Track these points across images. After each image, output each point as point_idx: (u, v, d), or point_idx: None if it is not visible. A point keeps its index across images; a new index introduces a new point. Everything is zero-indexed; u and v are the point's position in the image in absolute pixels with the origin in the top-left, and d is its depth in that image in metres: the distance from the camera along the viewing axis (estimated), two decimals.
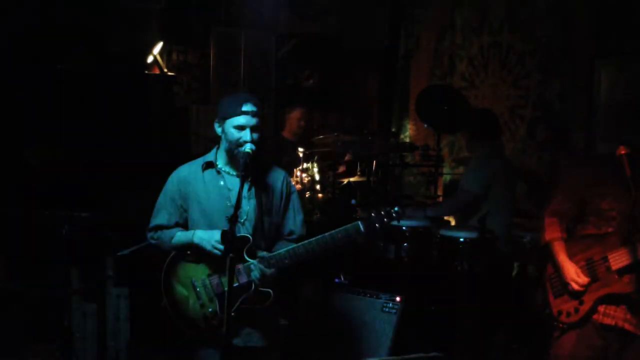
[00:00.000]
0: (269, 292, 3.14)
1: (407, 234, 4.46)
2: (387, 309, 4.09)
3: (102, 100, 5.94)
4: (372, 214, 3.15)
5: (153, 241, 3.34)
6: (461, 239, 4.34)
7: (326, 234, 3.13)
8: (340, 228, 3.13)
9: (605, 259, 3.21)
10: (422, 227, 4.56)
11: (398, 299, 4.09)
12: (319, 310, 4.35)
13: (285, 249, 3.14)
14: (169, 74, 6.76)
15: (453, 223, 5.16)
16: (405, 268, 4.49)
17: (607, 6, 5.16)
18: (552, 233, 3.39)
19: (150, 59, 6.58)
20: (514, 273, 4.87)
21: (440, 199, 5.81)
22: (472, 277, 4.29)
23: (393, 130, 7.18)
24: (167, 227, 3.29)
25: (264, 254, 3.14)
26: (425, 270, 4.51)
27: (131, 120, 6.09)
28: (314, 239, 3.13)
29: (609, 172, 3.27)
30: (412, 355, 3.44)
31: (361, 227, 3.10)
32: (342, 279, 5.02)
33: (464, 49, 6.47)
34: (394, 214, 3.14)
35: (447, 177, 6.33)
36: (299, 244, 3.15)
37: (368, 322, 4.13)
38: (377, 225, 3.12)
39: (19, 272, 4.58)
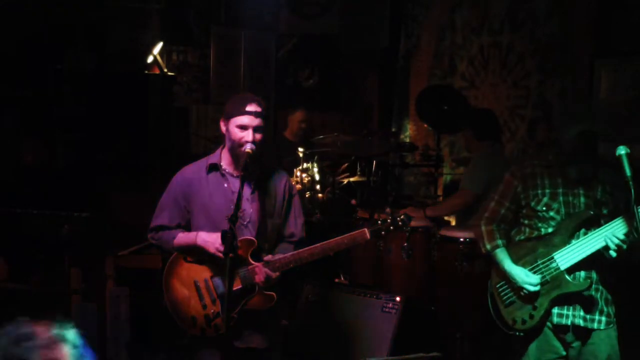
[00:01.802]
0: (272, 295, 3.15)
1: (407, 234, 4.46)
2: (387, 309, 4.09)
3: (102, 100, 5.95)
4: (379, 221, 3.19)
5: (154, 241, 3.34)
6: (461, 239, 4.34)
7: (332, 240, 3.16)
8: (347, 235, 3.16)
9: (552, 259, 3.17)
10: (422, 227, 4.56)
11: (398, 299, 4.10)
12: (319, 310, 4.35)
13: (290, 254, 3.16)
14: (169, 74, 6.77)
15: (453, 223, 5.17)
16: (405, 268, 4.49)
17: (607, 6, 5.16)
18: (492, 241, 3.35)
19: (150, 59, 6.58)
20: None
21: (440, 199, 5.81)
22: (472, 277, 4.29)
23: (393, 130, 7.18)
24: (169, 228, 3.29)
25: (269, 257, 3.15)
26: (425, 270, 4.51)
27: (131, 120, 6.10)
28: (319, 244, 3.16)
29: (543, 173, 3.26)
30: (412, 355, 3.45)
31: (368, 234, 3.14)
32: (342, 279, 5.02)
33: (464, 49, 6.47)
34: (400, 222, 3.18)
35: (447, 177, 6.33)
36: (304, 248, 3.17)
37: (368, 322, 4.13)
38: (383, 232, 3.16)
39: (19, 272, 4.58)
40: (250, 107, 3.10)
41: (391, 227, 3.20)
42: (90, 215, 4.36)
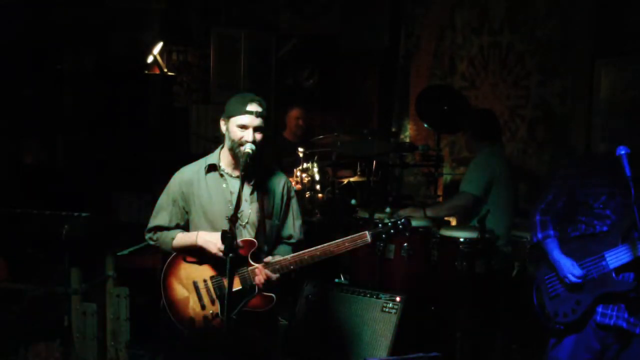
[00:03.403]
0: (272, 296, 3.15)
1: (407, 234, 4.45)
2: (387, 309, 4.09)
3: (102, 100, 5.95)
4: (380, 225, 3.19)
5: (152, 242, 3.34)
6: (461, 239, 4.34)
7: (332, 243, 3.15)
8: (347, 237, 3.17)
9: (602, 257, 3.19)
10: (422, 227, 4.56)
11: (398, 298, 4.09)
12: (319, 310, 4.35)
13: (290, 256, 3.17)
14: (169, 74, 6.77)
15: (453, 223, 5.16)
16: (405, 268, 4.49)
17: (607, 6, 5.15)
18: (545, 231, 3.37)
19: (150, 59, 6.58)
20: (514, 273, 4.87)
21: (440, 199, 5.81)
22: (472, 277, 4.29)
23: (393, 130, 7.18)
24: (167, 228, 3.29)
25: (269, 258, 3.15)
26: (425, 270, 4.51)
27: (131, 120, 6.10)
28: (320, 247, 3.16)
29: (603, 171, 3.26)
30: (412, 356, 3.44)
31: (369, 237, 3.14)
32: (342, 279, 5.02)
33: (464, 49, 6.47)
34: (400, 226, 3.19)
35: (447, 177, 6.33)
36: (305, 251, 3.17)
37: (368, 322, 4.12)
38: (383, 236, 3.19)
39: (19, 272, 4.58)
40: (251, 107, 3.10)
41: (392, 231, 3.22)
42: (90, 215, 4.35)
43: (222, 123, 3.19)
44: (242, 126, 3.10)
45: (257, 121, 3.10)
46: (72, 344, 4.31)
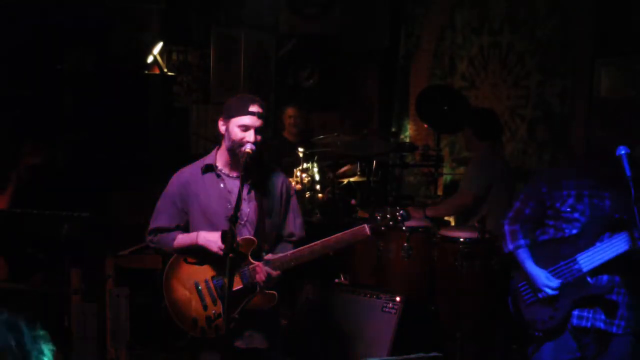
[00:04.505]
0: (274, 294, 3.15)
1: (407, 234, 4.46)
2: (387, 309, 4.09)
3: (102, 100, 5.94)
4: (378, 217, 3.18)
5: (153, 244, 3.35)
6: (461, 239, 4.34)
7: (331, 236, 3.16)
8: (346, 231, 3.16)
9: (575, 261, 3.15)
10: (422, 227, 4.56)
11: (398, 299, 4.09)
12: (319, 310, 4.35)
13: (290, 252, 3.17)
14: (169, 74, 6.76)
15: (453, 223, 5.17)
16: (405, 268, 4.49)
17: (607, 6, 5.15)
18: (515, 241, 3.34)
19: (150, 59, 6.58)
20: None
21: (440, 199, 5.81)
22: (472, 277, 4.29)
23: (393, 130, 7.18)
24: (168, 230, 3.29)
25: (270, 256, 3.15)
26: (425, 270, 4.51)
27: (131, 120, 6.09)
28: (319, 241, 3.16)
29: (571, 174, 3.24)
30: (412, 356, 3.44)
31: (367, 230, 3.13)
32: (342, 279, 5.02)
33: (464, 49, 6.47)
34: (399, 217, 3.18)
35: (448, 177, 6.33)
36: (304, 246, 3.17)
37: (368, 322, 4.12)
38: (383, 228, 3.18)
39: (19, 272, 4.58)
40: (253, 108, 3.11)
41: (390, 223, 3.20)
42: (90, 215, 4.35)
43: (220, 123, 3.19)
44: (244, 127, 3.10)
45: (259, 122, 3.11)
46: (72, 344, 4.31)
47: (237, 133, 3.11)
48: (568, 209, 3.19)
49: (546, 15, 5.65)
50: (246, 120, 3.10)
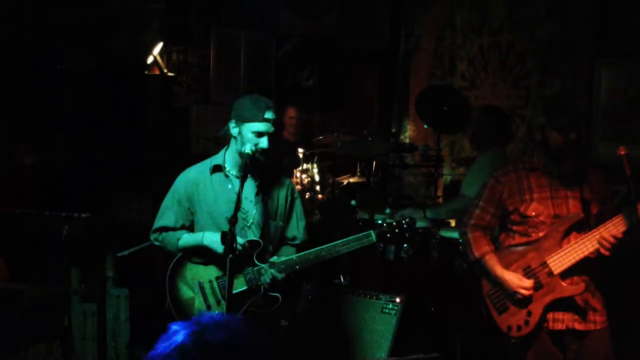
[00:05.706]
0: (277, 296, 3.15)
1: (406, 235, 4.45)
2: (387, 310, 4.09)
3: (102, 100, 5.95)
4: (384, 225, 3.22)
5: (157, 243, 3.34)
6: (461, 240, 4.34)
7: (338, 242, 3.18)
8: (352, 237, 3.20)
9: (545, 265, 3.13)
10: (422, 228, 4.56)
11: (398, 299, 4.09)
12: (319, 311, 4.35)
13: (296, 256, 3.19)
14: (169, 74, 6.77)
15: (453, 224, 5.16)
16: (405, 269, 4.49)
17: (607, 6, 5.15)
18: (481, 248, 3.29)
19: (150, 59, 6.58)
20: None
21: (440, 199, 5.81)
22: (472, 277, 4.28)
23: (393, 130, 7.17)
24: (173, 229, 3.28)
25: (275, 258, 3.16)
26: (425, 270, 4.51)
27: (131, 120, 6.10)
28: (325, 246, 3.18)
29: (529, 177, 3.20)
30: (412, 356, 3.44)
31: (373, 237, 3.17)
32: (342, 279, 5.01)
33: (464, 49, 6.47)
34: (405, 225, 3.19)
35: (448, 178, 6.32)
36: (310, 251, 3.18)
37: (368, 322, 4.12)
38: (388, 235, 3.20)
39: (19, 272, 4.58)
40: (269, 114, 3.11)
41: (396, 230, 3.23)
42: (90, 215, 4.35)
43: (232, 125, 3.16)
44: (259, 133, 3.09)
45: (273, 128, 3.13)
46: (72, 344, 4.31)
47: (251, 139, 3.09)
48: (532, 213, 3.16)
49: (546, 16, 5.65)
50: (261, 127, 3.09)
